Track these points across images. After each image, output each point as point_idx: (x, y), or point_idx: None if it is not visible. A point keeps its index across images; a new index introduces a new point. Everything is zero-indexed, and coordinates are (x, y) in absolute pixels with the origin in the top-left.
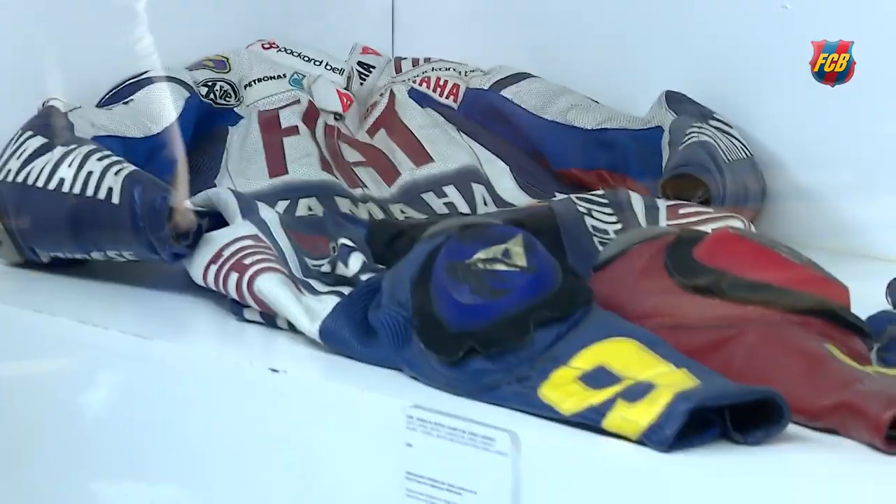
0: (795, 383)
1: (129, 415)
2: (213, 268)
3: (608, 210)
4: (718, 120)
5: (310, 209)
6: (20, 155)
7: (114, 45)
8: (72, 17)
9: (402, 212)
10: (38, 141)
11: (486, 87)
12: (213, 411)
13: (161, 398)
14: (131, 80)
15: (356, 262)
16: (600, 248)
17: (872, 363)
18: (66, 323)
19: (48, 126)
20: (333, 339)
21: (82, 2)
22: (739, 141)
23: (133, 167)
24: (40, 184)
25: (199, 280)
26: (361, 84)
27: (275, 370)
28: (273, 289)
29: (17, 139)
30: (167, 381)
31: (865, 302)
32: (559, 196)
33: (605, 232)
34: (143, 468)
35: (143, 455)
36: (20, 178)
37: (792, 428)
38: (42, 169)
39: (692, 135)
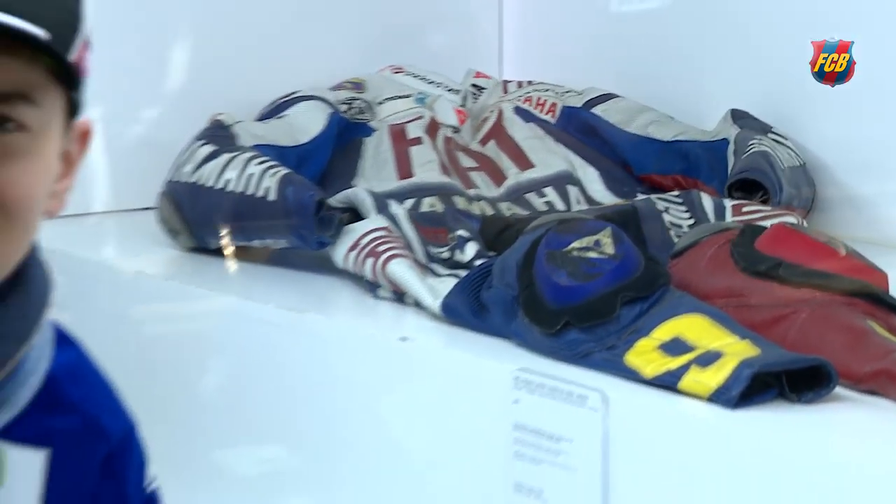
0: (842, 353)
1: (282, 376)
2: (353, 254)
3: (683, 208)
4: (776, 133)
5: (432, 206)
6: (194, 160)
7: (270, 69)
8: (235, 48)
9: (509, 209)
10: (208, 149)
11: (579, 106)
12: (352, 374)
13: (311, 363)
14: (284, 99)
15: (471, 249)
16: (676, 239)
17: None
18: (234, 300)
19: (216, 136)
20: (453, 313)
21: (246, 35)
22: (793, 151)
23: (287, 170)
24: (210, 184)
25: (341, 264)
26: (474, 103)
27: (404, 339)
28: (402, 272)
29: (191, 147)
30: (317, 347)
31: None
32: (641, 196)
33: (680, 226)
34: (291, 424)
35: (292, 411)
36: (193, 179)
37: (839, 390)
38: (211, 171)
39: (753, 145)
